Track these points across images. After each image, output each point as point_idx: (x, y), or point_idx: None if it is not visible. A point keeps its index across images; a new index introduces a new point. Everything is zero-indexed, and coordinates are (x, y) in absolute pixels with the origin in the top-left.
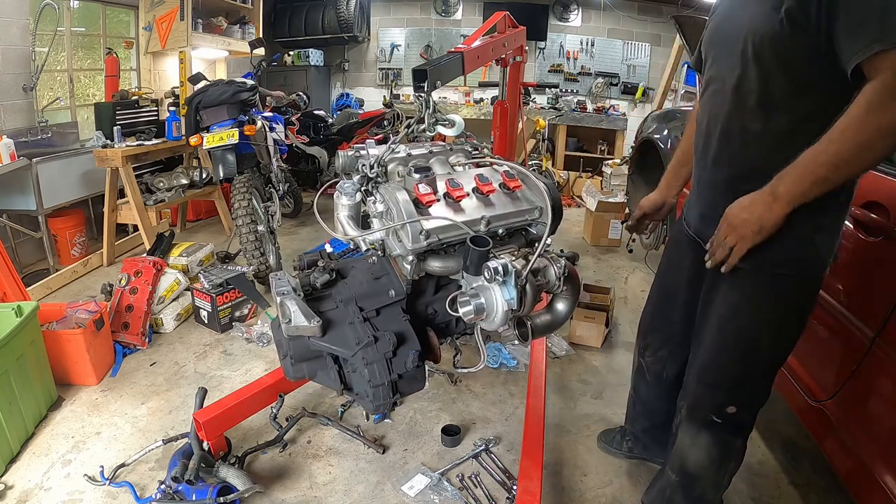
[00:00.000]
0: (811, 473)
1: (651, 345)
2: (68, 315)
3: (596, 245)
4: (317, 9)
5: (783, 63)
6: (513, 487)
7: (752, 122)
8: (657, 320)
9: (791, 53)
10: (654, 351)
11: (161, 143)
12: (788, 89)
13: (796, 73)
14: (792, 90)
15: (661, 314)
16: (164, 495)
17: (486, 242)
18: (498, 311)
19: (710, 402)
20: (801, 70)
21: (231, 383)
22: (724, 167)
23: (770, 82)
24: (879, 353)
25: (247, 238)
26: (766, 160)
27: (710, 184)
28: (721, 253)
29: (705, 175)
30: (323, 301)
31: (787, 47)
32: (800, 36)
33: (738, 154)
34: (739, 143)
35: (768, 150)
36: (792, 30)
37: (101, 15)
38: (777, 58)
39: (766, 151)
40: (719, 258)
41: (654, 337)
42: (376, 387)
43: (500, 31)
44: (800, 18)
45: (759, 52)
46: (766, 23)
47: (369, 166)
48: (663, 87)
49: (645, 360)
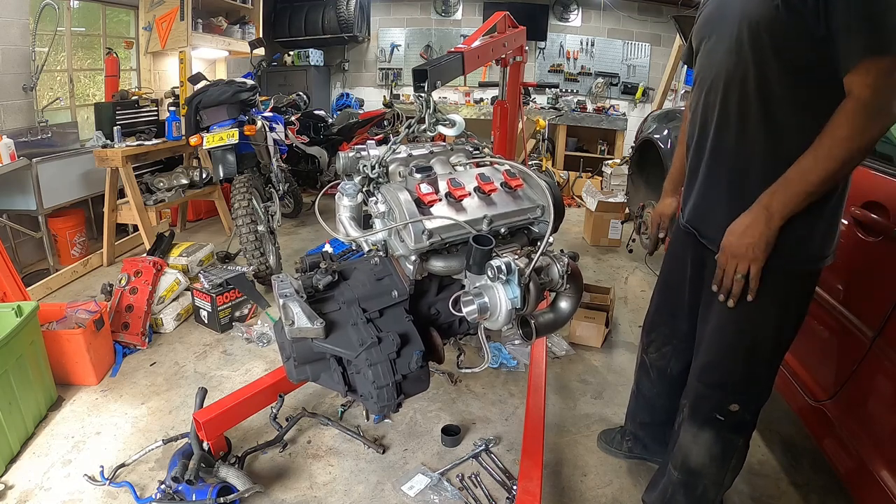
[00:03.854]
0: (811, 473)
1: (655, 341)
2: (68, 315)
3: (596, 245)
4: (317, 9)
5: (779, 49)
6: (513, 487)
7: (748, 112)
8: (661, 317)
9: (788, 39)
10: (658, 348)
11: (161, 143)
12: (785, 77)
13: (793, 59)
14: (789, 78)
15: (665, 311)
16: (164, 495)
17: (489, 241)
18: (501, 310)
19: (712, 400)
20: (799, 56)
21: (231, 383)
22: (721, 158)
23: (767, 70)
24: (879, 353)
25: (247, 238)
26: (763, 150)
27: (705, 174)
28: (737, 286)
29: (700, 166)
30: (326, 303)
31: (784, 33)
32: (797, 21)
33: (735, 144)
34: (736, 133)
35: (766, 139)
36: (788, 15)
37: (101, 15)
38: (774, 44)
39: (764, 141)
40: (737, 291)
41: (658, 334)
42: (380, 388)
43: (500, 31)
44: (797, 3)
45: (754, 39)
46: (761, 8)
47: (370, 167)
48: (663, 87)
49: (649, 356)
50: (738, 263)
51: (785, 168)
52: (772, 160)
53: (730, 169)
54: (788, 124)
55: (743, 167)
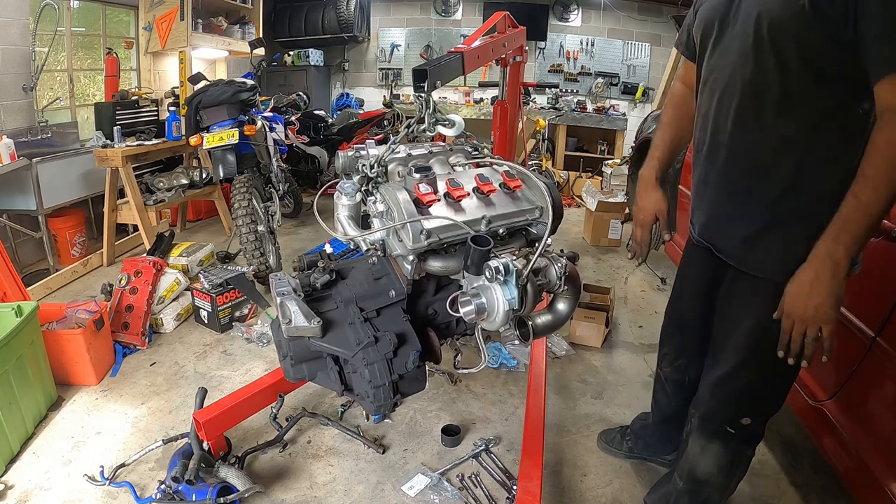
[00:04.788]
0: (811, 473)
1: (668, 355)
2: (68, 315)
3: (596, 245)
4: (317, 9)
5: (804, 52)
6: (513, 487)
7: (767, 118)
8: (672, 330)
9: (813, 42)
10: (671, 361)
11: (161, 143)
12: (809, 82)
13: (817, 63)
14: (812, 82)
15: (676, 324)
16: (164, 495)
17: (487, 242)
18: (499, 311)
19: (724, 413)
20: (823, 59)
21: (231, 383)
22: (738, 167)
23: (789, 74)
24: (879, 353)
25: (247, 238)
26: (785, 159)
27: (720, 185)
28: (810, 348)
29: (714, 177)
30: (323, 302)
31: (809, 35)
32: (823, 22)
33: (754, 153)
34: (755, 142)
35: (788, 148)
36: (815, 15)
37: (101, 15)
38: (798, 47)
39: (786, 150)
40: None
41: (670, 347)
42: (377, 387)
43: (500, 31)
44: (824, 4)
45: (774, 41)
46: (784, 6)
47: (369, 166)
48: (663, 87)
49: (663, 370)
50: (808, 328)
51: (810, 178)
52: (794, 169)
53: (748, 179)
54: (812, 132)
55: (762, 177)
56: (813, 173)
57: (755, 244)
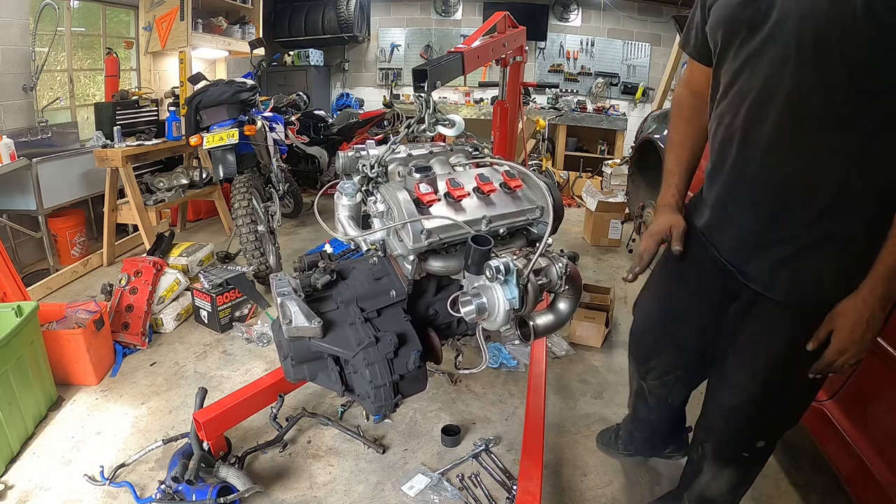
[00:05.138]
0: (811, 473)
1: (655, 369)
2: (68, 315)
3: (596, 245)
4: (317, 9)
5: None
6: (513, 487)
7: (809, 134)
8: (663, 345)
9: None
10: (659, 376)
11: (161, 143)
12: (854, 95)
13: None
14: (859, 96)
15: (669, 339)
16: (164, 495)
17: (488, 241)
18: (500, 311)
19: (741, 441)
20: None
21: (231, 383)
22: (774, 186)
23: (836, 91)
24: (879, 353)
25: (247, 238)
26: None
27: (751, 204)
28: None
29: (743, 194)
30: (324, 302)
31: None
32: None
33: (794, 170)
34: (794, 158)
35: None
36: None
37: (101, 15)
38: (845, 57)
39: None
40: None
41: (660, 362)
42: (378, 388)
43: (500, 31)
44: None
45: (821, 52)
46: (833, 13)
47: (370, 166)
48: (663, 87)
49: (647, 383)
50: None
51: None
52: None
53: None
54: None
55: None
56: (856, 194)
57: (785, 269)
